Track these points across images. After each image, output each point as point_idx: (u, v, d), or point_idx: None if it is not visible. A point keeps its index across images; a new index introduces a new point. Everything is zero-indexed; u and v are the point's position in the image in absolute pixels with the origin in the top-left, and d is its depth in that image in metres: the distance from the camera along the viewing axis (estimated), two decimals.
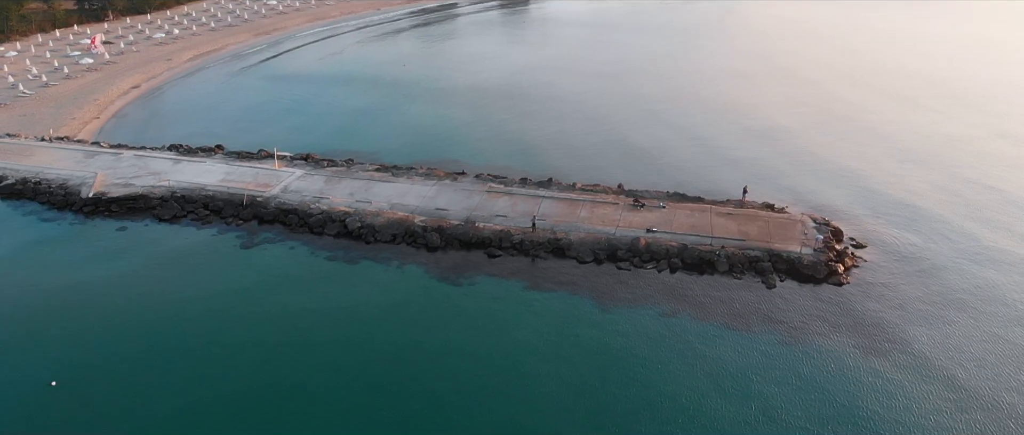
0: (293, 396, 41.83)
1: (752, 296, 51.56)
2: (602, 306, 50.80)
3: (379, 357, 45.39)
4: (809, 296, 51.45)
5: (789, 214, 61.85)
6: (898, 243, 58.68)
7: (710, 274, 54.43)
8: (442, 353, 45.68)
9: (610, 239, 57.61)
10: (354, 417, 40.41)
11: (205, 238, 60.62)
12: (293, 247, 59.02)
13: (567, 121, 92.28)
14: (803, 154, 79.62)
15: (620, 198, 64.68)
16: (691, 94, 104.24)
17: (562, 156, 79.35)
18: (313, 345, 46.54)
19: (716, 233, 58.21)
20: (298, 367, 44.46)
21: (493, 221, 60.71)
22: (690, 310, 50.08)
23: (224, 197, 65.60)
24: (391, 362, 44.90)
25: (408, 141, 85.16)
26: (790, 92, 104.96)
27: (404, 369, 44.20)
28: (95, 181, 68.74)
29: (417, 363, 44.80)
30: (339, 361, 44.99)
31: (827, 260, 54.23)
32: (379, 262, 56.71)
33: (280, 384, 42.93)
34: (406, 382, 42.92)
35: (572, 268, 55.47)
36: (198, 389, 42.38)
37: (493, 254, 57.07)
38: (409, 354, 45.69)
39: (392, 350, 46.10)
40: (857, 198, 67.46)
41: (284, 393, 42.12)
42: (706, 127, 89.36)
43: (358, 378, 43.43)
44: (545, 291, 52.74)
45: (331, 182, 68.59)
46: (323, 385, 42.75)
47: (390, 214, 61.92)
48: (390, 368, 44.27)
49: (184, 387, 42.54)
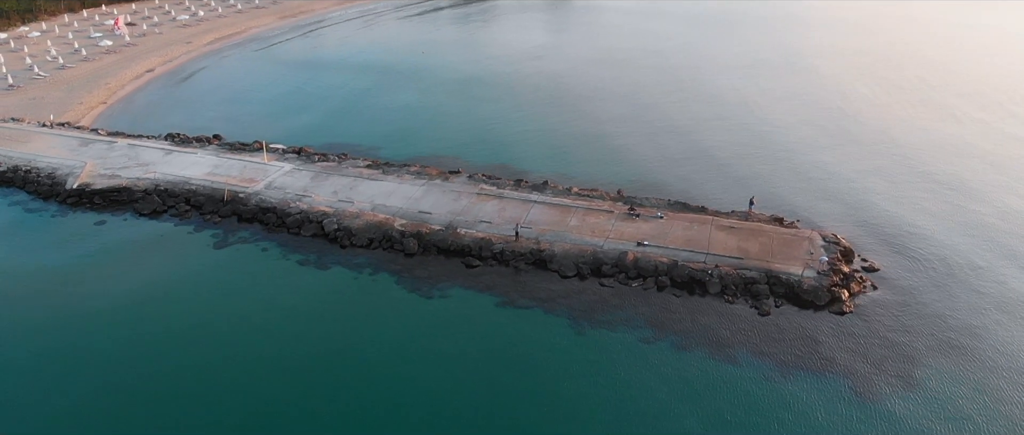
0: (211, 406, 39.80)
1: (742, 323, 47.25)
2: (576, 328, 47.17)
3: (317, 374, 42.75)
4: (805, 326, 46.88)
5: (798, 230, 56.97)
6: (916, 270, 53.09)
7: (700, 295, 50.22)
8: (390, 375, 42.78)
9: (596, 252, 53.79)
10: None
11: (179, 236, 58.80)
12: (266, 249, 56.74)
13: (581, 117, 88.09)
14: (830, 162, 73.48)
15: (616, 206, 60.65)
16: (726, 90, 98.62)
17: (567, 156, 75.43)
18: (249, 355, 44.25)
19: (712, 249, 53.84)
20: (225, 377, 42.40)
21: (476, 227, 57.42)
22: (671, 337, 46.11)
23: (206, 192, 63.74)
24: (330, 380, 42.27)
25: (410, 134, 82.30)
26: (832, 94, 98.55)
27: (343, 388, 41.61)
28: (83, 171, 67.69)
29: (362, 383, 42.06)
30: (269, 374, 42.64)
31: (830, 285, 49.47)
32: (351, 268, 54.03)
33: (201, 394, 40.95)
34: (345, 402, 40.25)
35: (553, 283, 51.88)
36: (101, 395, 40.77)
37: (471, 264, 53.84)
38: (356, 371, 42.99)
39: (338, 367, 43.42)
40: (880, 215, 61.51)
41: (201, 404, 40.13)
42: (733, 130, 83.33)
43: (286, 396, 40.90)
44: (519, 308, 49.35)
45: (318, 178, 66.15)
46: (243, 396, 40.71)
47: (370, 216, 59.16)
48: (325, 386, 41.71)
49: (83, 391, 41.07)
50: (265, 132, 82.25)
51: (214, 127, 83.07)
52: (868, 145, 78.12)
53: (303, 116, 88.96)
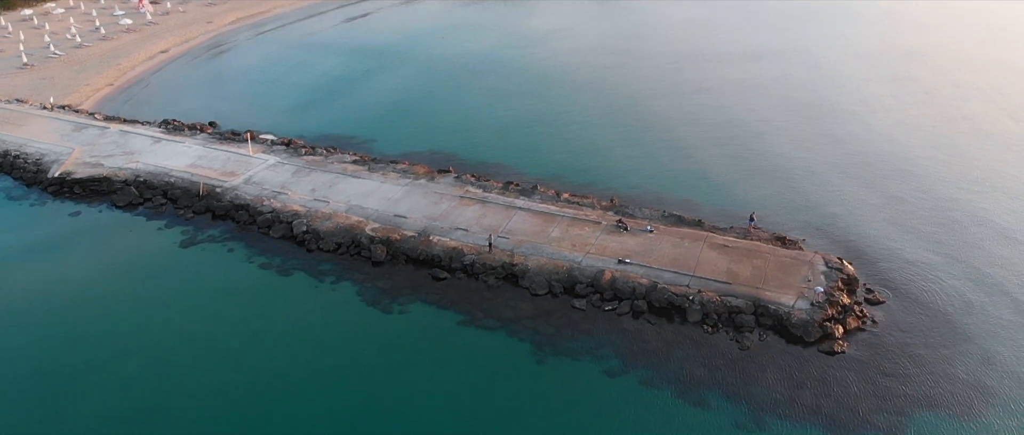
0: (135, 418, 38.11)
1: (719, 359, 42.89)
2: (537, 356, 43.53)
3: (237, 395, 40.46)
4: (789, 365, 42.24)
5: (800, 252, 51.87)
6: (928, 308, 47.12)
7: (679, 322, 45.97)
8: (320, 398, 39.99)
9: (573, 269, 49.88)
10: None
11: (148, 232, 57.08)
12: (232, 250, 54.53)
13: (595, 114, 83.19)
14: (855, 180, 66.06)
15: (605, 216, 56.47)
16: (758, 88, 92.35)
17: (570, 156, 70.97)
18: (184, 363, 42.70)
19: (699, 271, 49.35)
20: (158, 384, 41.02)
21: (451, 235, 54.07)
22: (639, 371, 42.10)
23: (184, 185, 61.91)
24: (249, 400, 40.00)
25: (411, 126, 79.32)
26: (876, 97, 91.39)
27: (258, 408, 39.40)
28: (68, 159, 66.66)
29: (283, 405, 39.48)
30: (200, 387, 40.89)
31: (823, 319, 44.58)
32: (314, 275, 51.38)
33: (129, 402, 39.53)
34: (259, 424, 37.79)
35: (522, 301, 48.26)
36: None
37: (438, 276, 50.58)
38: (280, 394, 40.36)
39: (261, 387, 40.97)
40: (898, 242, 54.78)
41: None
42: (759, 137, 76.55)
43: (193, 410, 39.16)
44: (480, 328, 45.94)
45: (300, 174, 63.64)
46: (169, 407, 39.14)
47: (342, 218, 56.34)
48: (241, 405, 39.59)
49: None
50: (264, 119, 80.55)
51: (215, 112, 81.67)
52: (906, 167, 67.93)
53: (305, 103, 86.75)
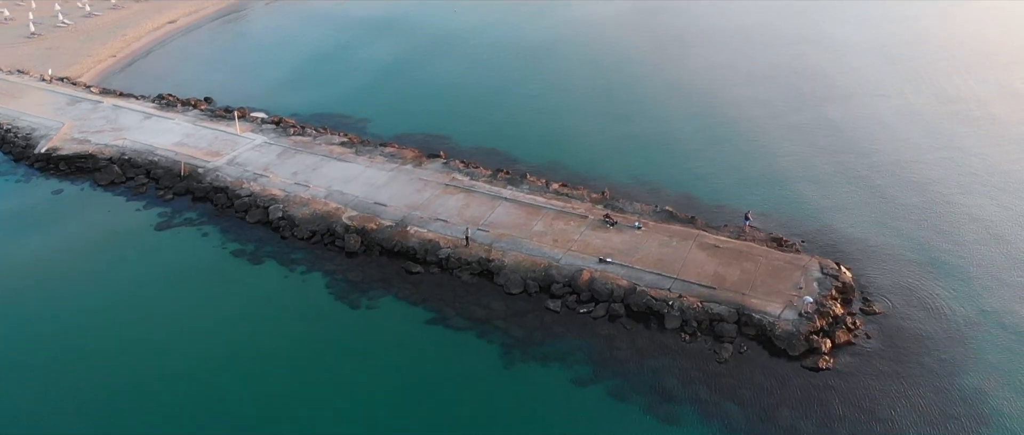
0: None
1: (695, 371, 40.40)
2: (505, 360, 41.54)
3: (199, 380, 39.90)
4: (768, 382, 39.57)
5: (796, 255, 48.72)
6: (928, 321, 43.47)
7: (656, 329, 43.47)
8: (278, 394, 38.67)
9: (551, 267, 47.56)
10: None
11: (126, 213, 56.15)
12: (206, 234, 53.31)
13: (603, 98, 79.07)
14: (869, 171, 61.68)
15: (594, 209, 53.88)
16: (770, 78, 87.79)
17: (568, 143, 67.36)
18: (134, 349, 42.22)
19: (684, 273, 46.65)
20: (102, 366, 40.82)
21: (429, 226, 52.06)
22: (608, 381, 39.88)
23: (167, 165, 60.77)
24: (199, 390, 39.28)
25: (409, 106, 77.04)
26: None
27: (208, 398, 38.74)
28: (57, 134, 65.98)
29: (234, 398, 38.59)
30: (146, 372, 40.47)
31: (809, 332, 41.71)
32: (285, 264, 49.93)
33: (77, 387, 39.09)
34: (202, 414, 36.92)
35: (495, 300, 46.15)
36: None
37: (412, 270, 48.72)
38: (234, 386, 39.46)
39: (224, 375, 40.18)
40: (905, 247, 50.74)
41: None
42: (765, 129, 71.12)
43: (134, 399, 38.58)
44: (449, 328, 44.06)
45: (285, 156, 62.03)
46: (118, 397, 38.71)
47: (320, 205, 54.65)
48: (188, 395, 38.92)
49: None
50: (262, 94, 79.19)
51: (213, 86, 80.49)
52: (924, 169, 62.02)
53: (307, 77, 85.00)
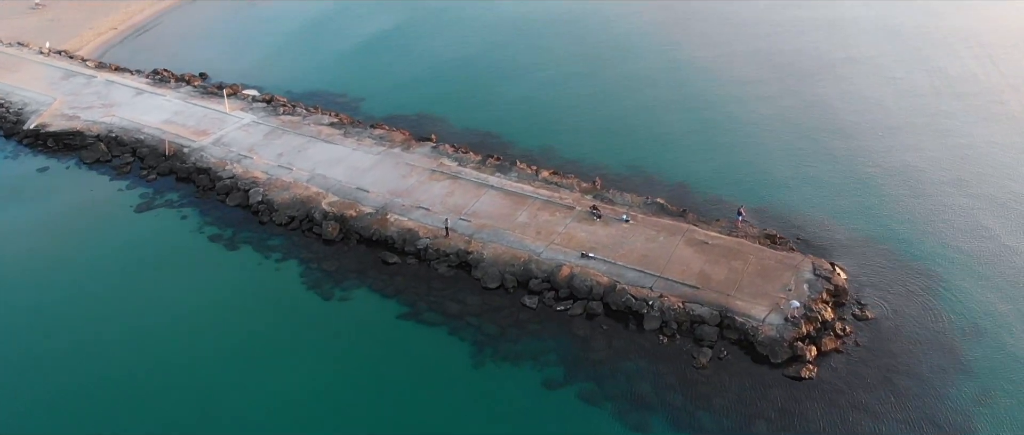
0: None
1: (670, 377, 38.65)
2: (476, 359, 40.17)
3: (161, 367, 39.55)
4: (746, 391, 37.70)
5: (788, 254, 46.44)
6: (925, 329, 40.93)
7: (635, 329, 41.69)
8: (242, 385, 37.79)
9: (530, 261, 45.89)
10: None
11: (108, 192, 55.47)
12: (185, 217, 52.44)
13: (612, 85, 73.99)
14: (877, 167, 57.74)
15: (582, 200, 51.97)
16: (783, 65, 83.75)
17: (566, 129, 64.07)
18: (95, 332, 42.08)
19: (668, 271, 44.71)
20: (59, 348, 40.93)
21: (410, 214, 50.59)
22: (580, 384, 38.39)
23: (152, 144, 59.89)
24: (169, 377, 38.93)
25: (407, 85, 74.65)
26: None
27: (162, 384, 38.40)
28: (47, 110, 65.41)
29: (188, 388, 38.10)
30: (105, 356, 40.42)
31: (794, 339, 39.68)
32: (261, 251, 48.90)
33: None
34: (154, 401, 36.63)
35: (471, 294, 44.66)
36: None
37: (388, 260, 47.37)
38: (203, 371, 39.03)
39: (185, 362, 39.70)
40: (908, 248, 47.69)
41: None
42: (772, 119, 66.56)
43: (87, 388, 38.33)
44: (421, 323, 42.76)
45: (271, 136, 60.78)
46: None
47: (301, 189, 53.41)
48: (144, 383, 38.60)
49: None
50: (260, 70, 77.92)
51: (211, 61, 79.21)
52: (941, 163, 58.03)
53: (307, 54, 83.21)
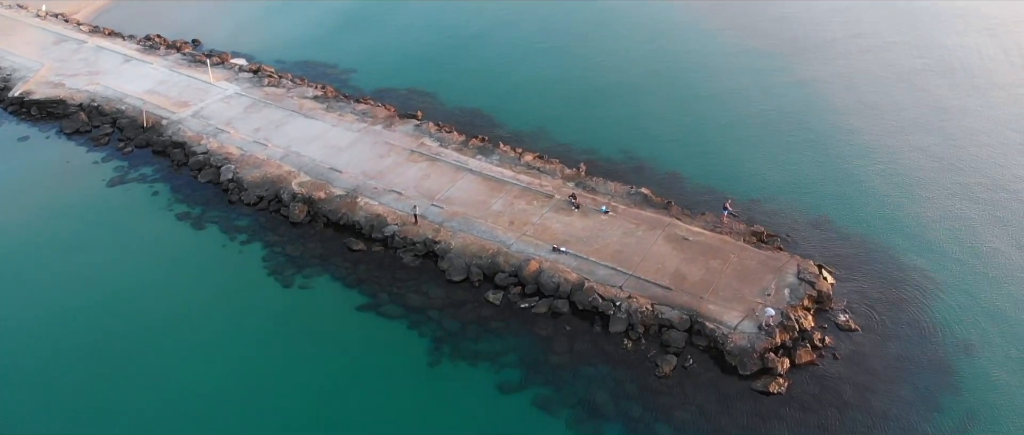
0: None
1: (630, 384, 36.59)
2: (433, 357, 38.53)
3: (105, 348, 39.32)
4: (708, 404, 35.50)
5: (775, 253, 43.59)
6: (914, 339, 38.21)
7: (600, 331, 39.59)
8: (185, 371, 36.85)
9: (499, 253, 43.85)
10: None
11: (83, 165, 54.62)
12: (156, 193, 51.38)
13: (619, 64, 69.87)
14: (888, 159, 53.91)
15: (563, 187, 49.58)
16: (799, 51, 79.25)
17: (560, 111, 60.35)
18: (46, 310, 41.66)
19: (641, 269, 42.32)
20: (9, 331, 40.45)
21: (381, 198, 48.79)
22: (537, 388, 36.61)
23: (132, 115, 58.75)
24: (115, 358, 38.64)
25: (402, 57, 71.90)
26: None
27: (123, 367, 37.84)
28: (34, 76, 64.60)
29: (134, 372, 37.42)
30: (49, 336, 40.07)
31: (765, 350, 37.23)
32: (227, 231, 47.66)
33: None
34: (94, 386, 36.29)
35: (435, 287, 42.85)
36: None
37: (353, 246, 45.75)
38: (147, 354, 38.55)
39: (131, 345, 39.33)
40: (916, 246, 44.43)
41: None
42: (778, 105, 62.20)
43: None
44: (380, 316, 41.20)
45: (252, 109, 59.18)
46: None
47: (273, 167, 51.85)
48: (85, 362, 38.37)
49: None
50: (252, 38, 76.25)
51: (206, 26, 77.82)
52: (953, 158, 53.69)
53: (303, 22, 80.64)
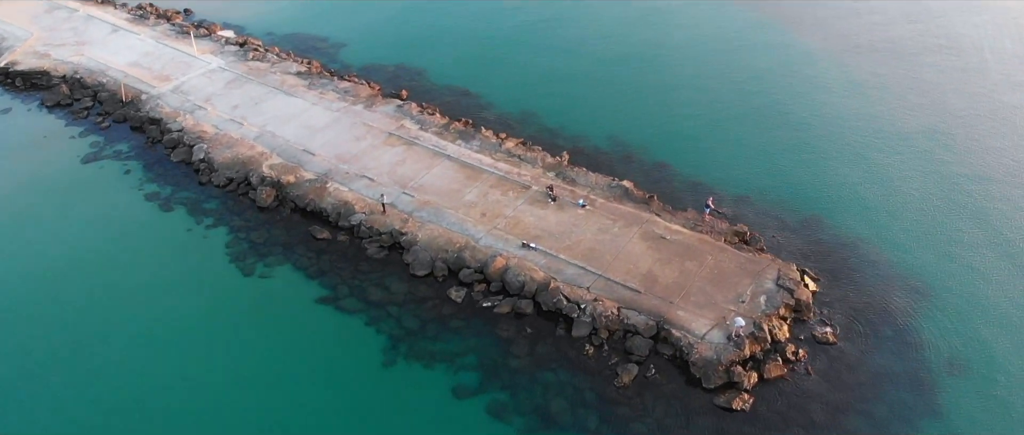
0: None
1: (587, 394, 34.93)
2: (388, 357, 37.19)
3: (56, 330, 38.91)
4: (667, 419, 33.74)
5: (756, 256, 41.26)
6: (897, 355, 36.11)
7: (562, 334, 37.86)
8: (133, 363, 36.01)
9: (466, 248, 42.16)
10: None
11: (60, 140, 53.70)
12: (129, 171, 50.37)
13: (612, 46, 67.39)
14: (897, 156, 51.76)
15: (542, 177, 47.57)
16: (812, 42, 75.50)
17: (553, 91, 58.49)
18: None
19: (612, 270, 40.36)
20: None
21: (351, 184, 47.24)
22: (492, 393, 35.24)
23: (113, 88, 57.63)
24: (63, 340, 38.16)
25: (394, 32, 70.01)
26: None
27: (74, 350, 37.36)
28: (22, 46, 63.78)
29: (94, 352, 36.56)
30: None
31: (731, 362, 35.24)
32: (195, 214, 46.53)
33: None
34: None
35: (397, 281, 41.32)
36: None
37: (318, 234, 44.35)
38: (97, 338, 37.71)
39: (81, 333, 38.53)
40: (911, 256, 42.11)
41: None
42: (783, 96, 60.74)
43: None
44: (339, 310, 39.87)
45: (233, 85, 57.74)
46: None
47: (245, 148, 50.50)
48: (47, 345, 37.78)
49: None
50: (245, 8, 74.50)
51: None
52: (969, 160, 50.84)
53: None
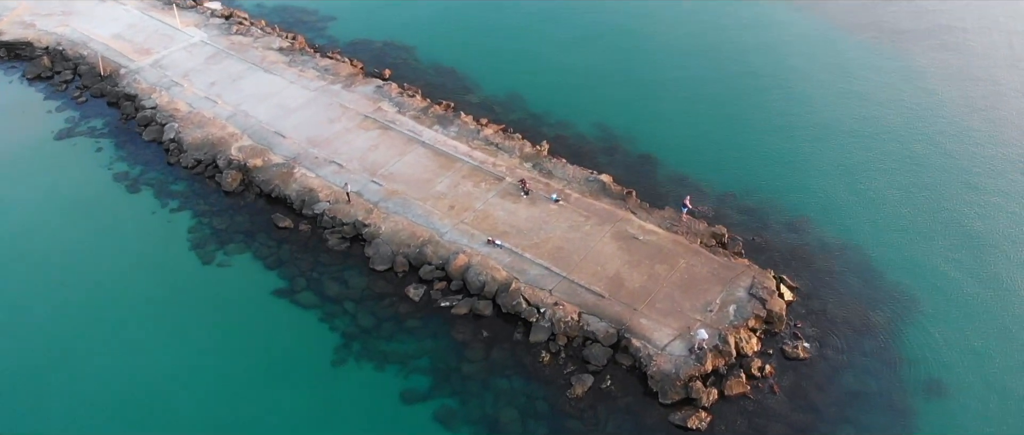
0: None
1: (540, 404, 33.53)
2: (339, 356, 36.07)
3: None
4: (617, 433, 32.25)
5: (731, 261, 39.12)
6: (873, 372, 34.22)
7: (520, 339, 36.34)
8: (79, 350, 35.40)
9: (428, 243, 40.57)
10: None
11: (35, 115, 52.85)
12: (100, 149, 49.47)
13: (621, 38, 63.35)
14: (896, 156, 49.35)
15: (518, 168, 45.68)
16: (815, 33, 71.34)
17: (545, 75, 56.10)
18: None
19: (577, 271, 38.54)
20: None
21: (320, 170, 45.80)
22: (439, 401, 34.03)
23: (93, 62, 56.59)
24: None
25: (386, 6, 67.72)
26: None
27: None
28: (9, 15, 62.90)
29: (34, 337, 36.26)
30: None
31: (690, 377, 33.43)
32: (160, 196, 45.56)
33: None
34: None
35: (356, 276, 40.01)
36: None
37: (280, 223, 43.07)
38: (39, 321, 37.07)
39: (29, 316, 38.02)
40: (902, 264, 39.88)
41: None
42: (787, 91, 57.91)
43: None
44: (293, 304, 38.75)
45: (213, 60, 56.34)
46: None
47: (216, 128, 49.20)
48: None
49: None
50: None
51: None
52: (972, 160, 48.22)
53: None
